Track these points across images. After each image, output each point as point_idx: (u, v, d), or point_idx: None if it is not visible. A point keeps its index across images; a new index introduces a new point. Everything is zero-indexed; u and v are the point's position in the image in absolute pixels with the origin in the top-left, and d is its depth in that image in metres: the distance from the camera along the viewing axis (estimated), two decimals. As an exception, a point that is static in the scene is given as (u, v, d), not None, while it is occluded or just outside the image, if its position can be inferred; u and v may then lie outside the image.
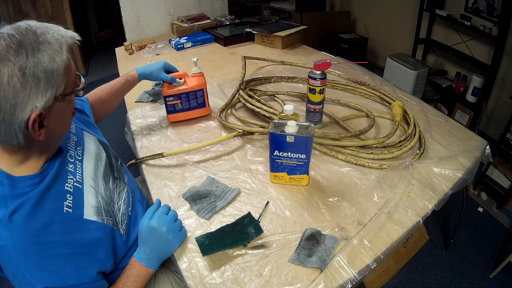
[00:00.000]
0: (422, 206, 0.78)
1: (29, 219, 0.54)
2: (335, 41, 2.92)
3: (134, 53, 1.88)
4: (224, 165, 0.94)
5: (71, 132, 0.73)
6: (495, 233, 1.62)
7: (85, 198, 0.65)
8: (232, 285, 0.63)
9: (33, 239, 0.54)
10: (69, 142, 0.70)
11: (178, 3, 2.18)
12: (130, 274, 0.67)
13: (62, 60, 0.53)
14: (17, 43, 0.49)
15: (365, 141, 0.97)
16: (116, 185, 0.76)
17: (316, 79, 0.98)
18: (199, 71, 1.11)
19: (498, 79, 2.06)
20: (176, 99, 1.09)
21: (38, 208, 0.56)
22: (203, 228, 0.75)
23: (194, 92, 1.10)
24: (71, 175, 0.65)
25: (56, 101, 0.54)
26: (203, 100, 1.13)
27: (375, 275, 1.21)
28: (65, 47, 0.54)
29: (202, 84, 1.10)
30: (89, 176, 0.69)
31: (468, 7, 2.09)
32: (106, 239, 0.65)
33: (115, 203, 0.72)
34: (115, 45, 2.08)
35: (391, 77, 2.38)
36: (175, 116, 1.13)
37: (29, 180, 0.57)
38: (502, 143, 1.68)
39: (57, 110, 0.56)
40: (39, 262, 0.54)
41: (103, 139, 0.84)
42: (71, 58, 0.57)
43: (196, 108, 1.13)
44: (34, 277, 0.53)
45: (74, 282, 0.57)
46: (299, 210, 0.78)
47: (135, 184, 0.87)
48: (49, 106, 0.53)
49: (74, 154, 0.69)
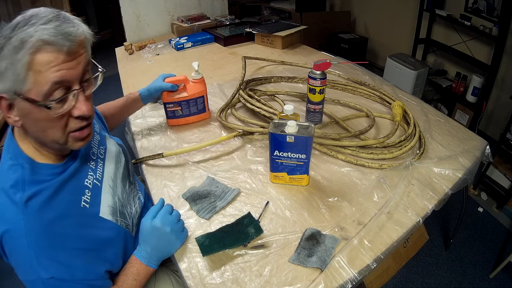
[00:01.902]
0: (422, 206, 0.78)
1: (44, 207, 0.54)
2: (335, 41, 2.92)
3: (134, 53, 1.88)
4: (224, 165, 0.94)
5: (95, 131, 0.73)
6: (495, 233, 1.62)
7: (103, 197, 0.65)
8: (232, 285, 0.63)
9: (47, 228, 0.54)
10: (92, 140, 0.71)
11: (178, 3, 2.18)
12: (129, 273, 0.67)
13: (27, 54, 0.47)
14: (11, 25, 0.48)
15: (365, 141, 0.97)
16: (131, 189, 0.77)
17: (316, 79, 0.98)
18: (200, 77, 1.08)
19: (498, 79, 2.06)
20: (176, 106, 1.08)
21: (55, 198, 0.56)
22: (203, 228, 0.75)
23: (195, 99, 1.08)
24: (92, 172, 0.66)
25: (19, 97, 0.50)
26: (203, 106, 1.12)
27: (375, 275, 1.21)
28: (29, 45, 0.47)
29: (202, 91, 1.08)
30: (109, 177, 0.70)
31: (468, 7, 2.09)
32: (117, 240, 0.65)
33: (131, 207, 0.73)
34: (115, 45, 2.08)
35: (391, 77, 2.38)
36: (174, 121, 1.12)
37: (51, 169, 0.57)
38: (502, 143, 1.68)
39: (23, 108, 0.51)
40: (50, 252, 0.54)
41: (122, 144, 0.85)
42: (53, 70, 0.49)
43: (196, 114, 1.12)
44: (42, 266, 0.53)
45: (82, 276, 0.57)
46: (299, 210, 0.78)
47: (143, 190, 0.87)
48: (12, 97, 0.50)
49: (96, 152, 0.70)
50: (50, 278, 0.53)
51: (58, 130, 0.54)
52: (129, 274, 0.66)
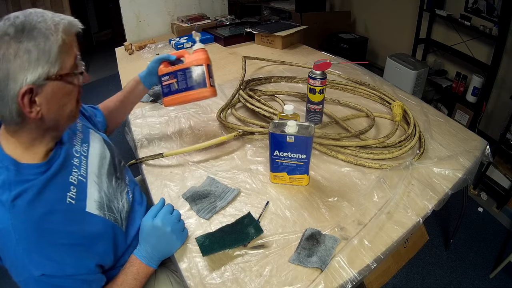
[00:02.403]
0: (422, 206, 0.78)
1: (31, 205, 0.55)
2: (335, 41, 2.92)
3: (134, 53, 1.88)
4: (224, 165, 0.94)
5: (77, 129, 0.75)
6: (495, 233, 1.62)
7: (89, 192, 0.66)
8: (232, 285, 0.63)
9: (34, 225, 0.55)
10: (75, 138, 0.72)
11: (178, 3, 2.18)
12: (129, 272, 0.67)
13: (56, 39, 0.54)
14: (20, 23, 0.53)
15: (365, 141, 0.97)
16: (118, 184, 0.77)
17: (316, 79, 0.98)
18: (201, 47, 0.95)
19: (498, 79, 2.06)
20: (172, 78, 0.93)
21: (41, 196, 0.57)
22: (203, 228, 0.75)
23: (192, 69, 0.92)
24: (76, 169, 0.66)
25: (49, 80, 0.55)
26: (203, 78, 0.93)
27: (375, 275, 1.21)
28: (61, 28, 0.55)
29: (201, 59, 0.92)
30: (93, 173, 0.71)
31: (468, 7, 2.09)
32: (106, 234, 0.66)
33: (118, 201, 0.73)
34: (115, 45, 2.08)
35: (391, 77, 2.38)
36: (171, 98, 0.95)
37: (35, 168, 0.59)
38: (502, 143, 1.68)
39: (51, 90, 0.56)
40: (39, 248, 0.54)
41: (108, 140, 0.85)
42: (74, 45, 0.59)
43: (195, 89, 0.93)
44: (33, 264, 0.54)
45: (72, 272, 0.58)
46: (299, 210, 0.78)
47: (135, 185, 0.87)
48: (42, 83, 0.54)
49: (79, 149, 0.71)
50: (41, 275, 0.54)
51: (74, 100, 0.62)
52: (128, 273, 0.67)
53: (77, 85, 0.61)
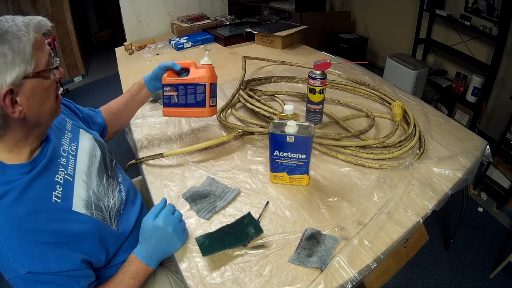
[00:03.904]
0: (422, 206, 0.78)
1: (14, 204, 0.56)
2: (335, 41, 2.92)
3: (134, 53, 1.88)
4: (224, 165, 0.94)
5: (67, 129, 0.76)
6: (495, 233, 1.62)
7: (75, 191, 0.66)
8: (232, 285, 0.63)
9: (18, 225, 0.55)
10: (63, 137, 0.73)
11: (178, 3, 2.18)
12: (128, 271, 0.67)
13: (28, 39, 0.56)
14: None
15: (365, 141, 0.97)
16: (109, 183, 0.77)
17: (316, 79, 0.98)
18: (208, 63, 0.92)
19: (498, 79, 2.06)
20: (173, 90, 0.91)
21: (24, 196, 0.58)
22: (203, 228, 0.75)
23: (194, 86, 0.90)
24: (63, 168, 0.67)
25: (27, 78, 0.56)
26: (203, 98, 0.91)
27: (375, 275, 1.21)
28: (32, 27, 0.57)
29: (205, 77, 0.89)
30: (82, 171, 0.71)
31: (468, 7, 2.09)
32: (93, 233, 0.66)
33: (109, 200, 0.73)
34: (115, 45, 2.08)
35: (391, 77, 2.38)
36: (170, 110, 0.95)
37: (19, 168, 0.59)
38: (502, 143, 1.68)
39: (30, 88, 0.57)
40: (22, 247, 0.55)
41: (100, 139, 0.85)
42: (44, 41, 0.61)
43: (193, 106, 0.92)
44: (18, 262, 0.55)
45: (57, 268, 0.58)
46: (299, 210, 0.78)
47: (130, 184, 0.87)
48: (20, 82, 0.55)
49: (67, 149, 0.71)
50: (27, 273, 0.55)
51: (53, 95, 0.63)
52: (127, 272, 0.67)
53: (53, 80, 0.62)
